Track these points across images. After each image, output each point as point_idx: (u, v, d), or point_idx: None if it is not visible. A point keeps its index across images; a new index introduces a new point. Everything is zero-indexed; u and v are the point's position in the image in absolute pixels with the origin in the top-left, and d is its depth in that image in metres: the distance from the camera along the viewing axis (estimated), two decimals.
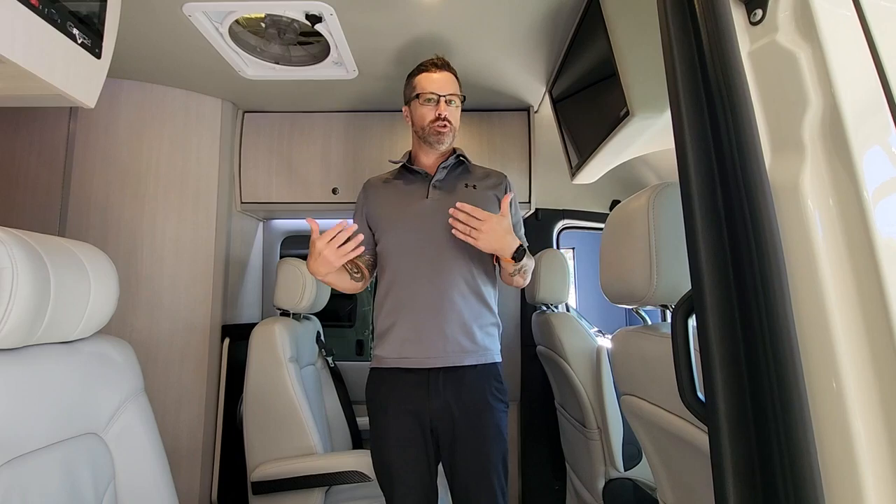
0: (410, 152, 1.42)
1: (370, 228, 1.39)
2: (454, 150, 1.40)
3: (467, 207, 1.19)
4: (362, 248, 1.17)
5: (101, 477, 0.82)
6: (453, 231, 1.20)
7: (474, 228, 1.18)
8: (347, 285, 1.34)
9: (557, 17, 1.35)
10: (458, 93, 1.34)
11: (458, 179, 1.37)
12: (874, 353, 0.43)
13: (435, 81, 1.32)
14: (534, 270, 1.57)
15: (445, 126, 1.31)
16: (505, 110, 1.98)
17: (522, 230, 1.40)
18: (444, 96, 1.30)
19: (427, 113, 1.31)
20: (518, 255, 1.23)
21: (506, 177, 1.41)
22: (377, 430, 1.29)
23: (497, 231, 1.19)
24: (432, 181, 1.34)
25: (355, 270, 1.35)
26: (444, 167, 1.35)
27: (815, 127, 0.47)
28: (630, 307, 0.94)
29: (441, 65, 1.34)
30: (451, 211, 1.20)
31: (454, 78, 1.35)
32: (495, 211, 1.27)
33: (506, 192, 1.36)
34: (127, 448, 0.87)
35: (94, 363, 0.85)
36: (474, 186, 1.35)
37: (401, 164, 1.40)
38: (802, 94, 0.47)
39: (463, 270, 1.28)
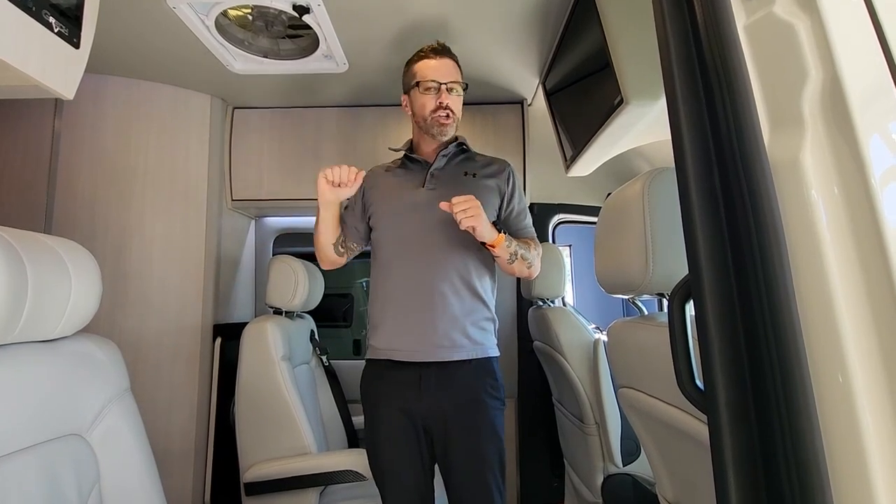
0: (412, 140, 1.38)
1: (363, 220, 1.38)
2: (455, 138, 1.35)
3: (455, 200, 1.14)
4: (350, 190, 1.24)
5: (85, 479, 0.80)
6: (461, 226, 1.14)
7: (470, 209, 1.13)
8: (326, 245, 1.33)
9: (549, 5, 1.33)
10: (460, 80, 1.30)
11: (458, 168, 1.33)
12: (879, 329, 0.41)
13: (435, 68, 1.27)
14: None
15: (448, 116, 1.27)
16: (498, 103, 1.96)
17: (529, 218, 1.37)
18: (445, 84, 1.25)
19: (428, 102, 1.27)
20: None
21: (509, 164, 1.37)
22: (370, 427, 1.27)
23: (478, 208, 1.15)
24: (430, 170, 1.31)
25: (342, 243, 1.36)
26: (443, 155, 1.32)
27: (815, 100, 0.44)
28: (626, 297, 0.92)
29: (441, 51, 1.29)
30: (442, 205, 1.15)
31: (455, 65, 1.30)
32: (494, 201, 1.29)
33: (508, 180, 1.34)
34: (112, 450, 0.85)
35: (77, 362, 0.83)
36: (474, 175, 1.31)
37: (402, 152, 1.36)
38: (801, 67, 0.45)
39: (457, 263, 1.25)
